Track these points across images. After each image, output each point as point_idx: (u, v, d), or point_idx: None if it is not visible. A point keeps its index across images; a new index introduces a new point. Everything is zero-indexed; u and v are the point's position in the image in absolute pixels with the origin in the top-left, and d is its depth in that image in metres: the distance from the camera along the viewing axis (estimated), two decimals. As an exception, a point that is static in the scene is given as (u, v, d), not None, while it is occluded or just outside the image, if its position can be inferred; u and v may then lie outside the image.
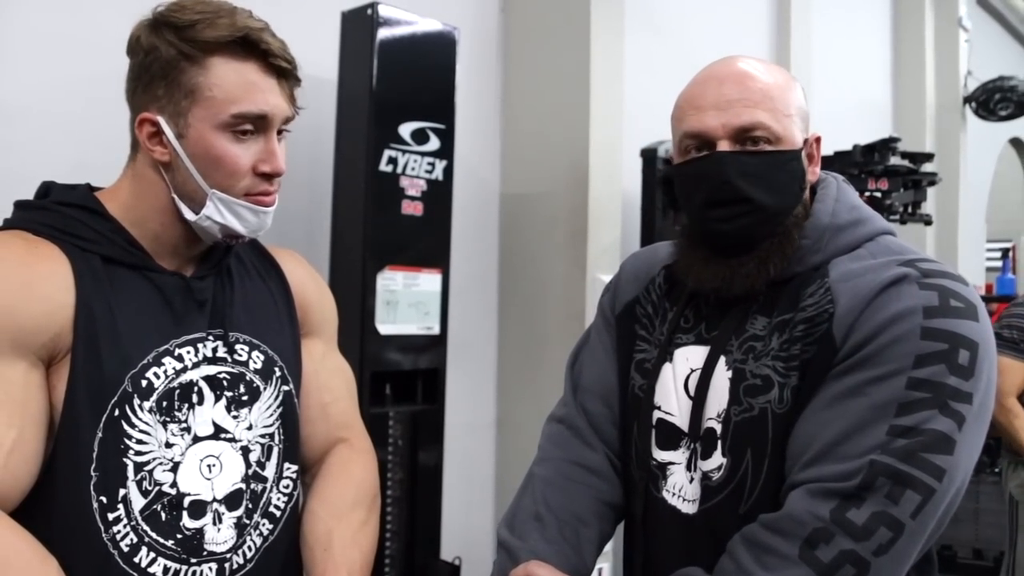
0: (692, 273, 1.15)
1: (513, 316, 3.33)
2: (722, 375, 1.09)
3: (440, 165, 2.51)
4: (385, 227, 2.39)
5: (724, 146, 1.08)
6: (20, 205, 1.07)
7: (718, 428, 1.09)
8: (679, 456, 1.13)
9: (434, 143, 2.49)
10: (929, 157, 3.52)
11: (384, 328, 2.39)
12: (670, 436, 1.14)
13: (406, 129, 2.41)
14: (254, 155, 1.03)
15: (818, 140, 1.14)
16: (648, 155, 3.50)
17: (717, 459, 1.08)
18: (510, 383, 3.35)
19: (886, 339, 0.97)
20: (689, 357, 1.14)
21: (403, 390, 2.49)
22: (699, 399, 1.11)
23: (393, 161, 2.38)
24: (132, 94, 1.06)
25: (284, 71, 1.04)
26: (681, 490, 1.12)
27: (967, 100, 6.74)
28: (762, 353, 1.07)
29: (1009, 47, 9.41)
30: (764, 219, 1.08)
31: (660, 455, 1.15)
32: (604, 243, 3.19)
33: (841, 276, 1.05)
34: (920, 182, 3.38)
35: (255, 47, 1.01)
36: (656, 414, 1.16)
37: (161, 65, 1.01)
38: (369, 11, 2.32)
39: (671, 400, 1.15)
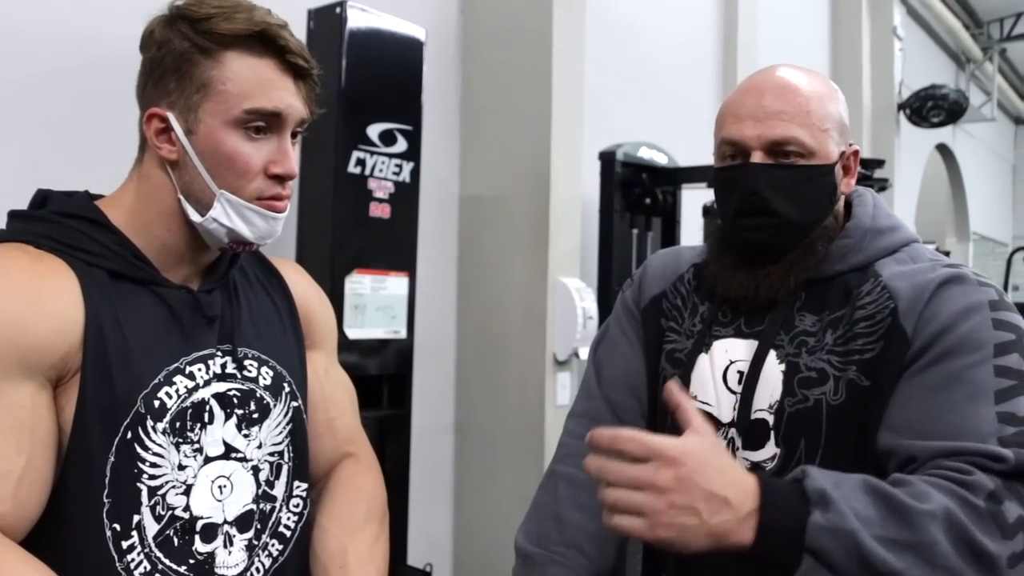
0: (721, 279, 1.18)
1: (472, 319, 3.31)
2: (774, 368, 1.11)
3: (407, 167, 2.48)
4: (353, 230, 2.35)
5: (757, 157, 1.10)
6: (16, 215, 1.00)
7: (770, 419, 1.10)
8: None
9: (401, 144, 2.46)
10: (880, 163, 3.62)
11: (352, 332, 2.35)
12: None
13: (374, 130, 2.37)
14: (266, 155, 0.98)
15: (855, 153, 1.16)
16: (607, 158, 3.52)
17: (770, 449, 1.10)
18: (469, 387, 3.33)
19: (965, 329, 1.01)
20: (729, 349, 1.16)
21: (369, 395, 2.45)
22: (748, 391, 1.12)
23: (361, 163, 2.34)
24: (142, 90, 1.01)
25: (301, 70, 1.00)
26: None
27: (901, 107, 6.97)
28: (816, 348, 1.09)
29: (936, 57, 9.75)
30: (790, 231, 1.12)
31: None
32: (565, 246, 3.20)
33: (894, 275, 1.09)
34: (872, 188, 3.48)
35: (272, 43, 0.97)
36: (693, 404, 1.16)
37: (174, 58, 0.96)
38: (338, 9, 2.27)
39: (709, 391, 1.16)
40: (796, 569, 0.89)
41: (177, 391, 0.98)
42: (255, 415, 1.05)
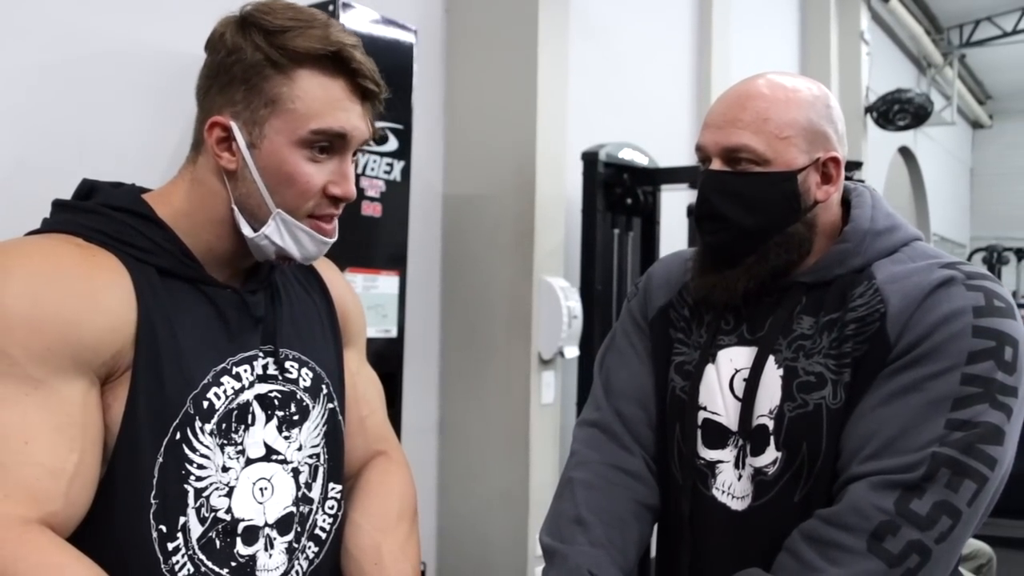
0: (693, 280, 1.23)
1: (456, 318, 3.31)
2: (772, 373, 1.12)
3: (398, 166, 2.48)
4: (346, 228, 2.31)
5: (716, 164, 1.14)
6: (63, 206, 0.98)
7: (770, 424, 1.11)
8: (727, 454, 1.16)
9: (393, 143, 2.45)
10: (858, 165, 3.69)
11: (344, 332, 2.34)
12: (717, 435, 1.17)
13: (366, 129, 2.36)
14: (327, 176, 0.98)
15: (834, 159, 1.14)
16: (589, 158, 3.54)
17: (771, 454, 1.11)
18: (453, 386, 3.33)
19: (940, 337, 1.02)
20: (733, 358, 1.17)
21: (360, 394, 2.44)
22: (748, 397, 1.13)
23: (354, 161, 2.33)
24: (205, 92, 0.98)
25: (370, 93, 0.99)
26: (731, 488, 1.15)
27: (868, 110, 7.10)
28: (813, 351, 1.10)
29: (899, 62, 9.94)
30: (742, 237, 1.14)
31: (707, 454, 1.17)
32: (549, 246, 3.21)
33: (888, 278, 1.10)
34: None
35: (345, 65, 0.96)
36: (702, 414, 1.18)
37: (244, 68, 0.94)
38: (331, 7, 2.26)
39: (717, 401, 1.17)
40: None
41: (225, 392, 0.97)
42: (295, 417, 1.05)
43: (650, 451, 1.25)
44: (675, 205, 4.18)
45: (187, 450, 0.93)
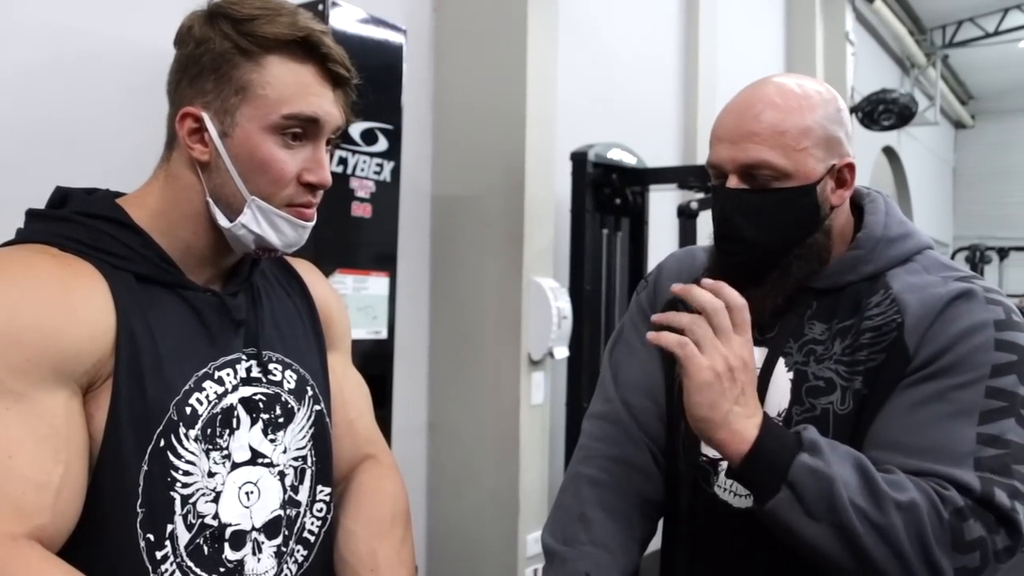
0: None
1: (445, 319, 3.30)
2: (782, 376, 1.12)
3: (388, 166, 2.47)
4: (335, 229, 2.32)
5: (733, 181, 1.10)
6: (36, 215, 0.96)
7: None
8: None
9: (383, 144, 2.44)
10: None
11: (334, 333, 2.32)
12: None
13: (356, 129, 2.35)
14: (300, 163, 0.96)
15: (849, 166, 1.12)
16: (578, 158, 3.54)
17: None
18: (442, 387, 3.32)
19: (964, 349, 1.02)
20: None
21: (351, 396, 2.43)
22: (758, 398, 1.12)
23: (344, 161, 2.32)
24: (176, 86, 0.97)
25: (341, 79, 0.98)
26: (732, 485, 1.14)
27: (853, 110, 7.12)
28: (824, 357, 1.10)
29: (883, 62, 10.01)
30: (763, 257, 1.12)
31: (710, 451, 1.16)
32: (539, 245, 3.21)
33: (905, 288, 1.09)
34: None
35: (315, 50, 0.95)
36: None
37: (213, 57, 0.93)
38: (320, 7, 2.25)
39: None
40: (770, 498, 0.97)
41: (207, 397, 0.96)
42: (280, 419, 1.03)
43: (659, 444, 1.24)
44: (663, 205, 4.19)
45: (172, 457, 0.92)
